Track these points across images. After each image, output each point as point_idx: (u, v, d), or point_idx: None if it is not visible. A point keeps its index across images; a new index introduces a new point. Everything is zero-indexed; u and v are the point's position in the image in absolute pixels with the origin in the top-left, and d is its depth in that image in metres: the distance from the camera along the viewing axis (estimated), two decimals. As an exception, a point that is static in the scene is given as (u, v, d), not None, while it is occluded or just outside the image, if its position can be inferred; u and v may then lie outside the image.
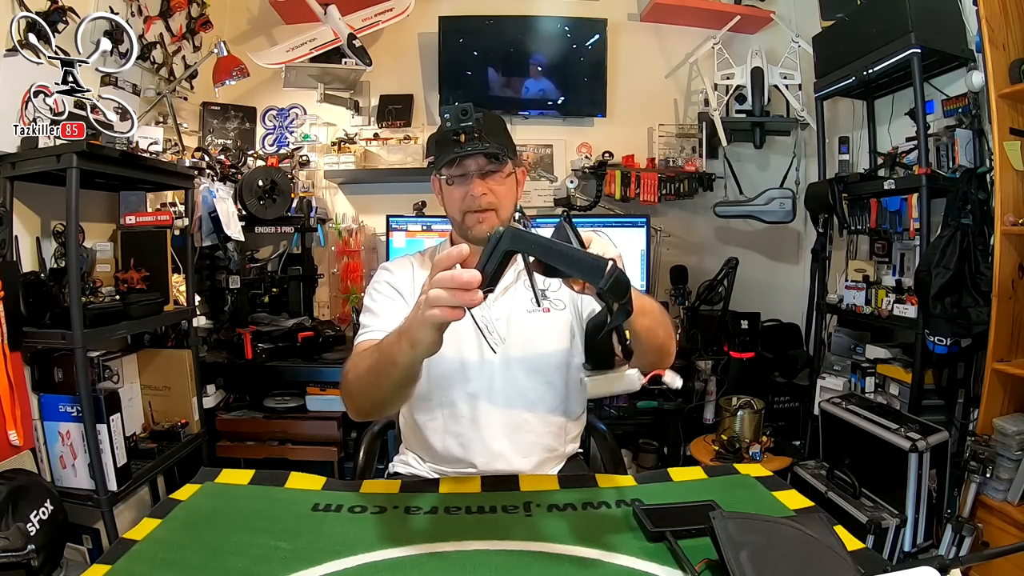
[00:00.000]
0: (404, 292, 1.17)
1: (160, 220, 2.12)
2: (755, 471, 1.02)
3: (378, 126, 2.90)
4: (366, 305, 1.18)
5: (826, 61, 2.46)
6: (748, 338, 2.50)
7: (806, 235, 2.98)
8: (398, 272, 1.20)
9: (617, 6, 2.98)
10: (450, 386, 1.14)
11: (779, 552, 0.68)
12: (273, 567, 0.75)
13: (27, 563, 1.26)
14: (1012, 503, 1.76)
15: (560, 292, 1.18)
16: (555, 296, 1.18)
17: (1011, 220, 1.81)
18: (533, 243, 0.71)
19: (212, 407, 2.35)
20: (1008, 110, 1.85)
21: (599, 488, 0.97)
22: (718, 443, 2.23)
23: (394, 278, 1.19)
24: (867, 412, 1.94)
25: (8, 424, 1.53)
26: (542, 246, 0.71)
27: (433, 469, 1.19)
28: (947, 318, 1.87)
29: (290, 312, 2.66)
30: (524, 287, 1.17)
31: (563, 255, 0.70)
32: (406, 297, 1.16)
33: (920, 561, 0.59)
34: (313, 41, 2.64)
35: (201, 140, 2.78)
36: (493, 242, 0.70)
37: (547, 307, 1.17)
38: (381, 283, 1.19)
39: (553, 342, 1.17)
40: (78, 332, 1.59)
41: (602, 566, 0.75)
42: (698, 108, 2.96)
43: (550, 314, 1.17)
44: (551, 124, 2.99)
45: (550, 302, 1.17)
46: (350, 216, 2.94)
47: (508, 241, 0.70)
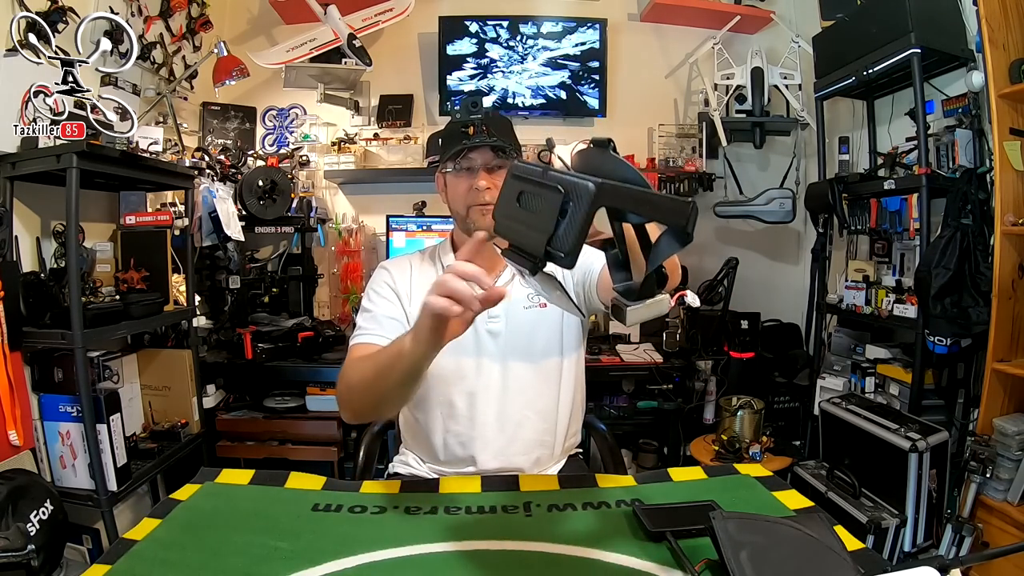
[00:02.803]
0: (401, 293, 1.17)
1: (160, 220, 2.12)
2: (755, 471, 1.02)
3: (378, 126, 2.90)
4: (363, 306, 1.18)
5: (826, 61, 2.46)
6: (748, 338, 2.49)
7: (806, 235, 2.97)
8: (396, 272, 1.20)
9: (617, 6, 2.98)
10: (448, 384, 1.14)
11: (779, 552, 0.68)
12: (273, 567, 0.75)
13: (27, 563, 1.27)
14: (1012, 503, 1.76)
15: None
16: None
17: (1011, 220, 1.81)
18: (628, 196, 0.56)
19: (212, 407, 2.35)
20: (1008, 110, 1.85)
21: (599, 488, 0.97)
22: (718, 443, 2.23)
23: (392, 278, 1.18)
24: (867, 412, 1.94)
25: (8, 424, 1.53)
26: (635, 198, 0.56)
27: (433, 469, 1.19)
28: (947, 318, 1.87)
29: (290, 312, 2.65)
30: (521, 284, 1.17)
31: (652, 203, 0.57)
32: (402, 298, 1.16)
33: (920, 561, 0.59)
34: (313, 41, 2.64)
35: (201, 140, 2.78)
36: (578, 200, 0.54)
37: (543, 302, 1.16)
38: (379, 283, 1.19)
39: (551, 336, 1.17)
40: (78, 332, 1.59)
41: (602, 566, 0.75)
42: (698, 108, 2.95)
43: (547, 308, 1.17)
44: (551, 124, 2.98)
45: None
46: (350, 216, 2.94)
47: (602, 196, 0.55)
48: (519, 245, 0.62)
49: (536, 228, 0.58)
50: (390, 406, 0.99)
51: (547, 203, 0.57)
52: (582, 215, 0.55)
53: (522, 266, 0.61)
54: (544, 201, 0.58)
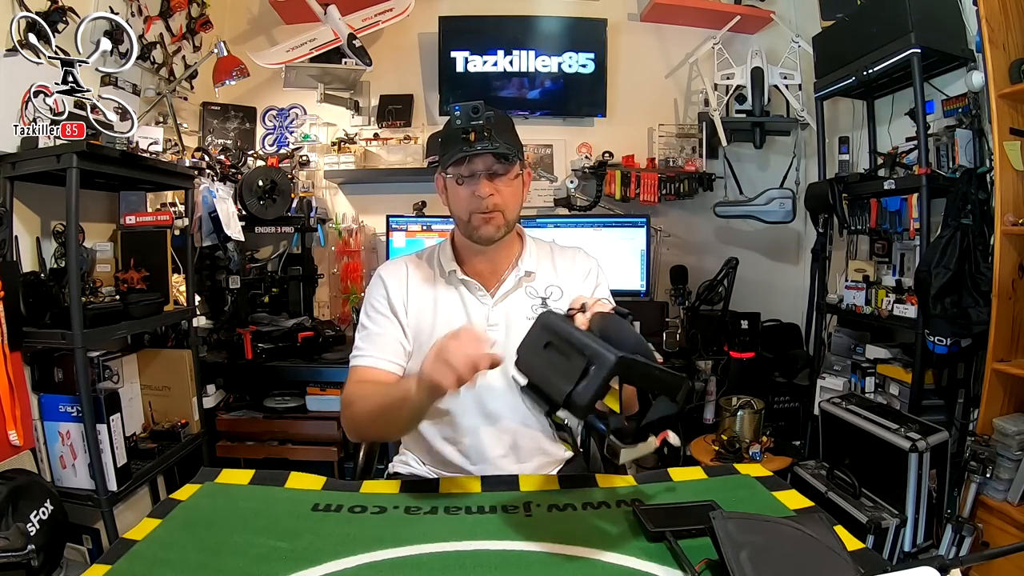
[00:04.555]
0: (397, 305, 1.15)
1: (160, 220, 2.12)
2: (755, 471, 1.02)
3: (378, 126, 2.90)
4: (361, 322, 1.17)
5: (826, 61, 2.46)
6: (748, 338, 2.49)
7: (806, 235, 2.97)
8: (392, 282, 1.17)
9: (617, 6, 2.98)
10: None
11: (779, 552, 0.68)
12: (273, 567, 0.75)
13: (27, 563, 1.26)
14: (1012, 503, 1.76)
15: (561, 302, 1.17)
16: (555, 306, 1.18)
17: (1011, 220, 1.81)
18: (641, 371, 0.69)
19: (212, 407, 2.35)
20: (1008, 110, 1.85)
21: (599, 488, 0.97)
22: (718, 443, 2.23)
23: (387, 291, 1.16)
24: (867, 412, 1.94)
25: (8, 424, 1.53)
26: (644, 374, 0.70)
27: (433, 469, 1.19)
28: (947, 318, 1.87)
29: (290, 312, 2.65)
30: (526, 294, 1.17)
31: (656, 379, 0.71)
32: (398, 312, 1.15)
33: (920, 561, 0.59)
34: (313, 41, 2.64)
35: (201, 140, 2.78)
36: (599, 367, 0.65)
37: None
38: (376, 298, 1.16)
39: None
40: (78, 332, 1.59)
41: (602, 566, 0.75)
42: (698, 108, 2.96)
43: None
44: (551, 124, 2.99)
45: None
46: (350, 216, 2.94)
47: (620, 367, 0.66)
48: (540, 386, 0.72)
49: (558, 379, 0.67)
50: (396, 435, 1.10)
51: (572, 362, 0.67)
52: (601, 380, 0.65)
53: (539, 405, 0.72)
54: (569, 359, 0.68)
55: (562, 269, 1.21)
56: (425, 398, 0.88)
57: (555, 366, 0.69)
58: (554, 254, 1.23)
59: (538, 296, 1.17)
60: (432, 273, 1.18)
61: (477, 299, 1.15)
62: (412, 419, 0.99)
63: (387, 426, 1.04)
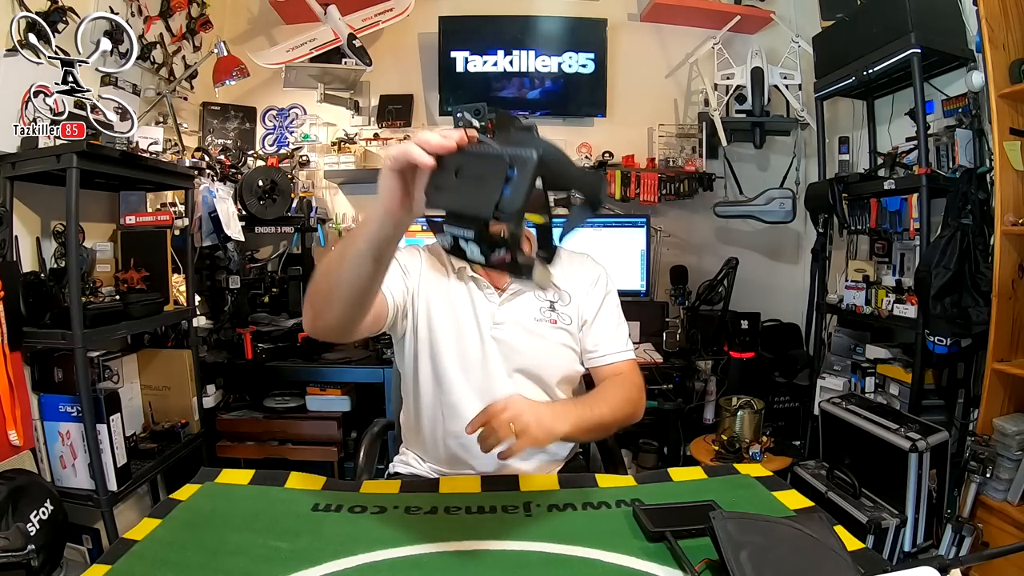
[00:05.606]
0: (411, 270, 1.16)
1: (160, 220, 2.12)
2: (755, 471, 1.02)
3: (378, 126, 2.90)
4: None
5: (826, 61, 2.46)
6: (748, 338, 2.49)
7: (806, 235, 2.97)
8: (407, 253, 1.20)
9: (617, 6, 2.98)
10: (450, 385, 1.14)
11: (779, 552, 0.68)
12: (273, 567, 0.75)
13: (27, 563, 1.26)
14: (1012, 503, 1.76)
15: (569, 308, 1.19)
16: (563, 311, 1.19)
17: (1011, 220, 1.81)
18: (562, 169, 0.65)
19: (212, 407, 2.35)
20: (1008, 110, 1.85)
21: (599, 488, 0.97)
22: (718, 443, 2.23)
23: (403, 256, 1.18)
24: (867, 412, 1.94)
25: (8, 424, 1.53)
26: (566, 173, 0.67)
27: (433, 469, 1.19)
28: (947, 318, 1.87)
29: (290, 312, 2.65)
30: (534, 296, 1.17)
31: (577, 177, 0.69)
32: (410, 272, 1.16)
33: (920, 561, 0.59)
34: (313, 41, 2.64)
35: (201, 140, 2.78)
36: (523, 167, 0.60)
37: (553, 318, 1.17)
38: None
39: (557, 353, 1.18)
40: (78, 332, 1.59)
41: (602, 566, 0.75)
42: (698, 108, 2.95)
43: (557, 325, 1.17)
44: (551, 124, 2.98)
45: (558, 315, 1.18)
46: (350, 216, 2.94)
47: (542, 165, 0.60)
48: (461, 211, 0.64)
49: (481, 194, 0.61)
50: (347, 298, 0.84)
51: (491, 173, 0.61)
52: (529, 179, 0.60)
53: (466, 229, 0.64)
54: (489, 169, 0.62)
55: (571, 275, 1.22)
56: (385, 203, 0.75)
57: (473, 186, 0.63)
58: (563, 259, 1.23)
59: (546, 300, 1.18)
60: (444, 268, 1.20)
61: (485, 296, 1.16)
62: (368, 252, 0.80)
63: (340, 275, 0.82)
